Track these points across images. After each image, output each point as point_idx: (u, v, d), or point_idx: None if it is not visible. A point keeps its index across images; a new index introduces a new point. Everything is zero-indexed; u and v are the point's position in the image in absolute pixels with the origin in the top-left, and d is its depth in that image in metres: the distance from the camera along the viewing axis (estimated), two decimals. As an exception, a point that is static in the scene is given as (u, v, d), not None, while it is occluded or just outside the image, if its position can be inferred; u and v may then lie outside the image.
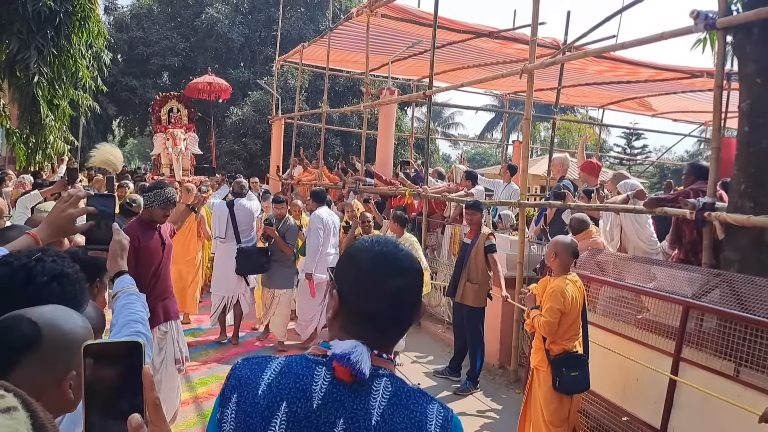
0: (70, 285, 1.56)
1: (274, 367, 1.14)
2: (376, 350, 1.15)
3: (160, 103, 15.72)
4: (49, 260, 1.57)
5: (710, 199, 4.03)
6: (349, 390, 1.09)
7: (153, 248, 4.42)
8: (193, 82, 17.88)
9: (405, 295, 1.19)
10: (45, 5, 6.58)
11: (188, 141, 14.97)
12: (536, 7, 5.48)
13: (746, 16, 3.79)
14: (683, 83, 11.14)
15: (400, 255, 1.21)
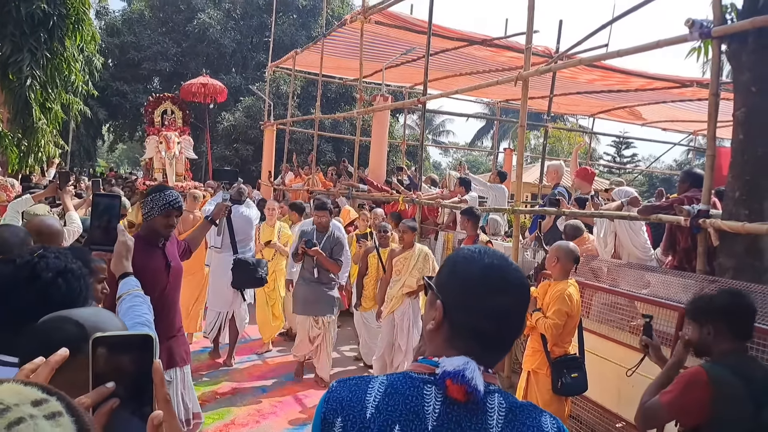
0: (75, 280, 1.55)
1: (377, 388, 1.10)
2: (484, 366, 1.11)
3: (153, 104, 14.81)
4: (52, 257, 1.55)
5: (705, 206, 4.06)
6: (464, 409, 1.05)
7: (153, 272, 3.47)
8: (187, 83, 17.20)
9: (515, 312, 1.14)
10: (39, 8, 6.54)
11: (183, 144, 14.16)
12: (531, 14, 5.52)
13: (741, 25, 3.83)
14: (673, 92, 11.23)
15: (512, 269, 1.16)
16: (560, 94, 12.17)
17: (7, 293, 1.47)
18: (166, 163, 13.55)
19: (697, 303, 2.69)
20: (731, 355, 2.47)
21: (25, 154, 7.19)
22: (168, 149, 13.53)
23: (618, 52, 4.81)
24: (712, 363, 2.47)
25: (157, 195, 3.53)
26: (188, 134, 15.25)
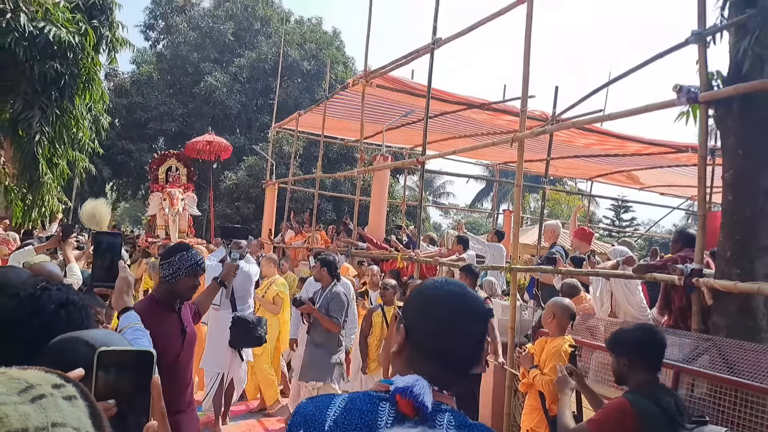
0: (77, 312, 1.59)
1: (338, 403, 1.17)
2: (437, 386, 1.18)
3: (158, 161, 14.86)
4: (54, 289, 1.60)
5: (698, 266, 4.11)
6: (414, 423, 1.10)
7: (168, 337, 3.12)
8: (192, 141, 17.23)
9: (473, 335, 1.24)
10: (52, 68, 6.79)
11: (186, 201, 14.02)
12: (526, 79, 5.72)
13: (726, 91, 3.98)
14: (669, 158, 11.44)
15: (470, 296, 1.27)
16: (557, 158, 12.39)
17: (11, 327, 1.49)
18: (169, 220, 13.37)
19: (614, 337, 3.06)
20: (646, 386, 2.80)
21: (29, 208, 7.31)
22: (171, 206, 13.41)
23: (609, 116, 4.98)
24: (633, 393, 2.78)
25: (184, 254, 3.21)
26: (192, 191, 15.12)
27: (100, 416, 0.80)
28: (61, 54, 6.91)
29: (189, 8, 28.45)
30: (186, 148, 16.98)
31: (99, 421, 0.79)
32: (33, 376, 0.77)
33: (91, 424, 0.77)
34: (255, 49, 26.67)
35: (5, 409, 0.68)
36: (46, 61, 6.78)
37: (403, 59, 8.51)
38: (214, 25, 27.25)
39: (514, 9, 6.19)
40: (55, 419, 0.71)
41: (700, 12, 4.17)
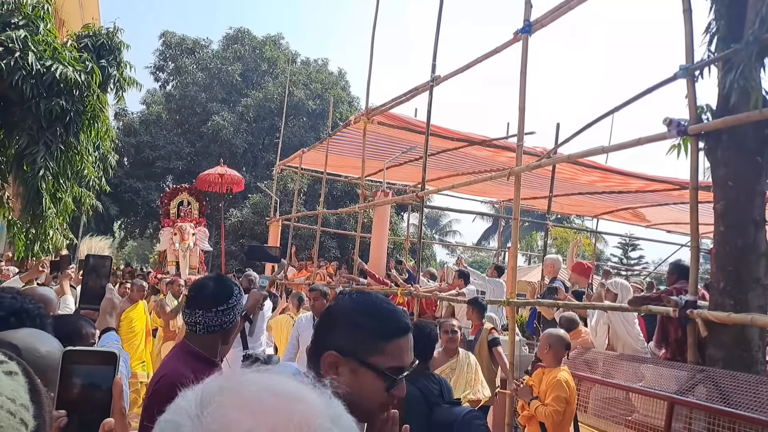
0: (30, 320, 1.62)
1: None
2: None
3: (169, 195, 14.76)
4: (8, 297, 1.63)
5: (692, 297, 4.10)
6: None
7: None
8: (204, 173, 16.80)
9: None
10: (57, 104, 6.94)
11: (198, 236, 13.82)
12: (522, 114, 5.80)
13: (715, 124, 4.03)
14: (674, 195, 11.43)
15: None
16: (561, 195, 12.42)
17: None
18: (180, 255, 13.14)
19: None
20: (413, 372, 3.05)
21: (32, 242, 7.39)
22: (182, 240, 13.19)
23: (604, 149, 5.02)
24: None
25: (238, 293, 2.54)
26: (204, 225, 14.86)
27: (39, 393, 0.85)
28: (67, 91, 7.08)
29: (198, 50, 29.07)
30: (198, 180, 16.72)
31: (37, 397, 0.84)
32: None
33: (28, 398, 0.82)
34: (262, 89, 27.13)
35: None
36: (51, 98, 6.95)
37: (402, 96, 8.64)
38: (223, 66, 27.79)
39: (514, 45, 6.29)
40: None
41: (688, 47, 4.25)
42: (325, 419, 0.60)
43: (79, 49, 8.01)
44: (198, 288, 2.47)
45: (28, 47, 6.83)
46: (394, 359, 1.33)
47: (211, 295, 2.42)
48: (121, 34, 8.71)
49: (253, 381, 0.62)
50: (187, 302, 2.43)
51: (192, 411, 0.59)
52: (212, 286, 2.44)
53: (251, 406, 0.58)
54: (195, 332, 2.39)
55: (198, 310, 2.38)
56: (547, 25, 5.83)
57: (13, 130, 7.17)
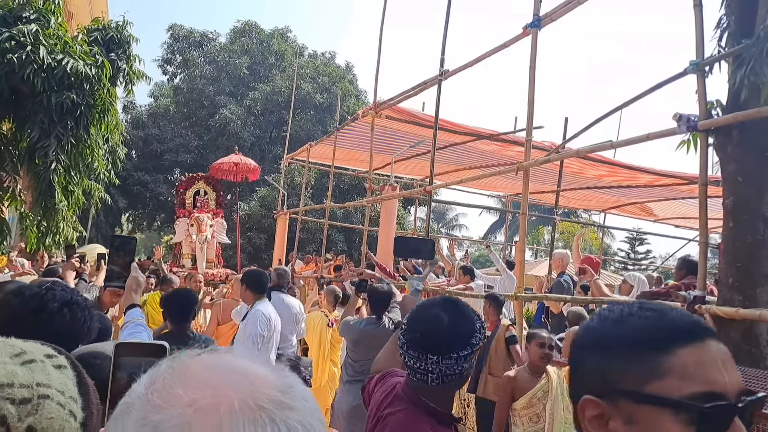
0: (80, 311, 1.70)
1: None
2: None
3: (185, 185, 14.03)
4: (58, 289, 1.70)
5: (700, 293, 4.11)
6: None
7: None
8: (218, 162, 16.36)
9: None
10: (68, 98, 6.99)
11: (215, 227, 13.05)
12: (530, 108, 5.81)
13: (725, 119, 4.03)
14: (682, 189, 11.39)
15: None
16: (569, 189, 12.42)
17: (16, 323, 1.57)
18: (197, 248, 12.39)
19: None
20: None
21: (44, 235, 7.46)
22: (200, 232, 12.41)
23: (612, 144, 5.03)
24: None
25: (482, 331, 1.93)
26: (221, 216, 14.08)
27: (87, 386, 0.89)
28: (78, 85, 7.13)
29: (206, 43, 29.10)
30: (211, 169, 16.19)
31: (85, 390, 0.88)
32: (29, 346, 0.87)
33: (76, 391, 0.86)
34: (269, 82, 27.14)
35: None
36: (62, 92, 7.00)
37: (411, 90, 8.65)
38: (230, 59, 27.81)
39: (523, 40, 6.29)
40: (41, 380, 0.80)
41: (698, 42, 4.25)
42: (274, 390, 0.59)
43: (89, 42, 8.06)
44: (425, 323, 1.84)
45: (40, 41, 6.88)
46: (691, 380, 0.86)
47: (448, 336, 1.81)
48: (130, 27, 8.75)
49: (201, 360, 0.63)
50: (409, 341, 1.84)
51: (141, 391, 0.61)
52: (446, 321, 1.80)
53: (195, 381, 0.59)
54: (426, 383, 1.82)
55: (430, 356, 1.78)
56: (557, 19, 5.83)
57: (25, 123, 7.23)
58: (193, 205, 13.61)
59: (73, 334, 1.57)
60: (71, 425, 0.82)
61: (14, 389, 0.77)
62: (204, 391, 0.57)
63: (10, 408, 0.75)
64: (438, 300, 1.97)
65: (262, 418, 0.56)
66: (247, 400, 0.56)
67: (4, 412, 0.74)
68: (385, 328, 4.84)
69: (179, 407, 0.56)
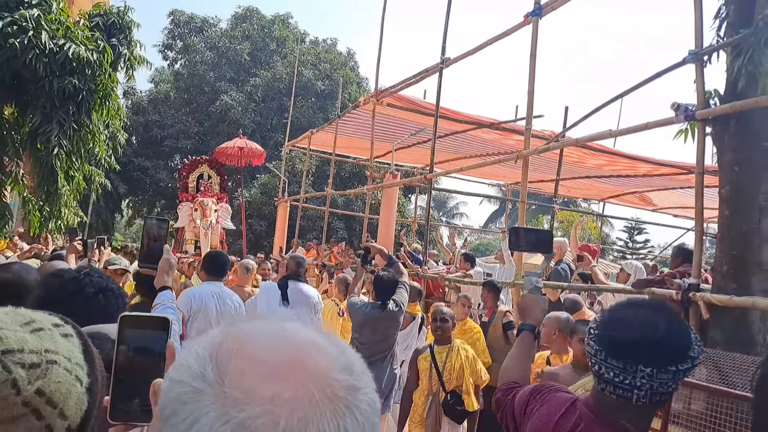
0: (114, 298, 1.78)
1: None
2: None
3: (188, 168, 13.47)
4: (95, 276, 1.78)
5: (695, 280, 4.17)
6: None
7: None
8: (222, 146, 15.99)
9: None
10: (70, 83, 7.02)
11: (220, 212, 12.58)
12: (530, 98, 5.84)
13: (723, 109, 4.07)
14: (681, 179, 11.43)
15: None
16: (568, 178, 12.45)
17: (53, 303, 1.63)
18: (201, 233, 11.95)
19: None
20: None
21: (47, 220, 7.51)
22: (204, 217, 11.98)
23: (611, 133, 5.06)
24: None
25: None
26: (226, 201, 13.63)
27: (92, 354, 0.94)
28: (80, 70, 7.15)
29: (207, 29, 29.00)
30: (215, 153, 15.85)
31: (91, 357, 0.93)
32: (38, 315, 0.92)
33: (82, 358, 0.91)
34: (270, 68, 27.08)
35: (6, 332, 0.82)
36: (64, 77, 7.03)
37: (412, 78, 8.66)
38: (231, 45, 27.73)
39: (525, 28, 6.30)
40: (49, 347, 0.85)
41: (697, 32, 4.27)
42: (343, 373, 0.60)
43: (90, 28, 8.07)
44: (635, 328, 1.51)
45: (41, 26, 6.89)
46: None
47: (666, 344, 1.48)
48: (131, 12, 8.75)
49: (266, 338, 0.62)
50: (611, 348, 1.50)
51: (210, 376, 0.58)
52: (663, 326, 1.49)
53: (269, 368, 0.57)
54: (630, 400, 1.48)
55: (642, 368, 1.45)
56: (558, 8, 5.84)
57: (27, 108, 7.26)
58: (196, 189, 13.15)
59: (107, 319, 1.63)
60: (77, 389, 0.88)
61: (24, 354, 0.82)
62: (282, 383, 0.56)
63: (20, 372, 0.80)
64: (642, 301, 1.68)
65: (340, 409, 0.57)
66: (324, 389, 0.57)
67: (14, 375, 0.79)
68: (390, 311, 4.92)
69: (261, 402, 0.55)
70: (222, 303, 4.70)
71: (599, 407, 1.55)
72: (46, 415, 0.82)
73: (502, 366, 2.12)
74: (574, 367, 3.99)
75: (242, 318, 0.66)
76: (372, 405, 0.61)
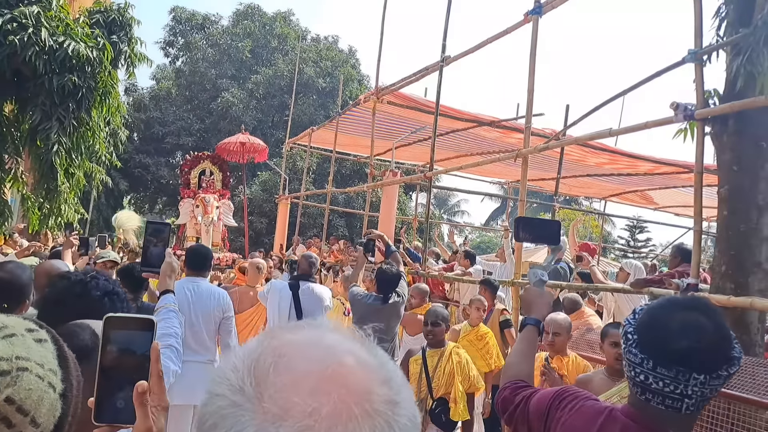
0: (119, 302, 1.79)
1: None
2: None
3: (190, 164, 13.42)
4: (102, 279, 1.78)
5: (694, 280, 4.16)
6: None
7: None
8: (224, 141, 15.82)
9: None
10: (70, 80, 7.02)
11: (222, 209, 12.54)
12: (530, 96, 5.82)
13: (722, 109, 4.05)
14: (682, 178, 11.41)
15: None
16: (569, 176, 12.43)
17: (58, 305, 1.65)
18: (202, 230, 11.85)
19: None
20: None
21: (46, 217, 7.52)
22: (205, 213, 11.86)
23: (610, 132, 5.05)
24: None
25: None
26: (228, 198, 13.52)
27: (67, 359, 0.93)
28: (79, 67, 7.15)
29: (208, 26, 28.99)
30: (217, 149, 15.62)
31: (65, 363, 0.92)
32: (11, 320, 0.90)
33: (56, 364, 0.90)
34: (271, 66, 27.08)
35: None
36: (64, 74, 7.03)
37: (412, 76, 8.65)
38: (232, 42, 27.73)
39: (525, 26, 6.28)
40: (20, 354, 0.84)
41: (697, 31, 4.26)
42: (382, 386, 0.59)
43: (90, 25, 8.07)
44: (686, 333, 1.39)
45: (41, 23, 6.89)
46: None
47: (719, 348, 1.39)
48: (132, 9, 8.75)
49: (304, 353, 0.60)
50: (659, 357, 1.40)
51: (249, 391, 0.57)
52: (712, 328, 1.40)
53: (308, 382, 0.56)
54: (679, 411, 1.39)
55: (696, 375, 1.35)
56: (558, 6, 5.82)
57: (27, 105, 7.27)
58: (198, 185, 13.06)
59: None
60: (50, 396, 0.87)
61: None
62: (321, 397, 0.55)
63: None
64: (685, 301, 1.55)
65: (380, 425, 0.56)
66: (363, 404, 0.56)
67: None
68: (393, 303, 4.90)
69: (300, 417, 0.54)
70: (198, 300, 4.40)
71: (644, 418, 1.44)
72: (16, 422, 0.81)
73: (506, 361, 2.07)
74: (608, 374, 3.77)
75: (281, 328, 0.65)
76: (412, 420, 0.60)
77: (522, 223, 2.46)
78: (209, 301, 4.48)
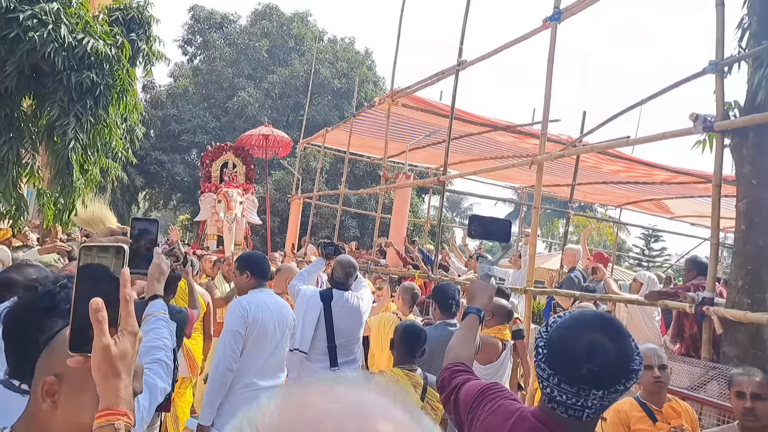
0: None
1: None
2: None
3: (211, 155, 12.51)
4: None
5: (709, 294, 4.11)
6: None
7: None
8: (246, 134, 14.95)
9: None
10: (88, 77, 7.04)
11: (245, 205, 11.71)
12: (547, 101, 5.78)
13: (742, 121, 4.00)
14: (699, 188, 11.30)
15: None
16: (584, 183, 12.35)
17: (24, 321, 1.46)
18: (225, 227, 10.90)
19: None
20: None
21: (61, 212, 7.56)
22: (228, 209, 11.01)
23: (627, 141, 5.01)
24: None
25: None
26: (252, 192, 12.54)
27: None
28: (98, 65, 7.18)
29: (226, 25, 29.13)
30: (238, 142, 14.78)
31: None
32: None
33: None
34: (288, 66, 27.16)
35: None
36: (82, 71, 7.05)
37: (428, 80, 8.64)
38: (250, 42, 27.84)
39: (543, 32, 6.23)
40: None
41: (719, 42, 4.20)
42: None
43: (109, 22, 8.10)
44: (588, 354, 1.49)
45: (61, 20, 6.92)
46: None
47: (616, 366, 1.49)
48: (151, 8, 8.77)
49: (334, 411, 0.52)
50: (563, 375, 1.51)
51: None
52: (613, 348, 1.49)
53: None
54: (580, 419, 1.54)
55: (595, 391, 1.49)
56: (577, 13, 5.78)
57: (45, 101, 7.29)
58: (219, 178, 12.13)
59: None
60: None
61: None
62: None
63: None
64: (590, 319, 1.60)
65: None
66: None
67: None
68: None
69: None
70: (280, 317, 3.81)
71: (550, 422, 1.58)
72: None
73: (449, 344, 2.20)
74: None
75: (313, 389, 0.55)
76: None
77: (475, 221, 2.65)
78: (287, 313, 3.96)
